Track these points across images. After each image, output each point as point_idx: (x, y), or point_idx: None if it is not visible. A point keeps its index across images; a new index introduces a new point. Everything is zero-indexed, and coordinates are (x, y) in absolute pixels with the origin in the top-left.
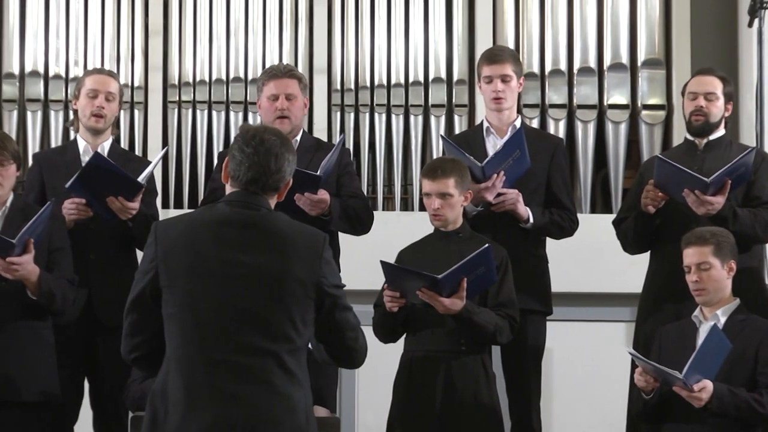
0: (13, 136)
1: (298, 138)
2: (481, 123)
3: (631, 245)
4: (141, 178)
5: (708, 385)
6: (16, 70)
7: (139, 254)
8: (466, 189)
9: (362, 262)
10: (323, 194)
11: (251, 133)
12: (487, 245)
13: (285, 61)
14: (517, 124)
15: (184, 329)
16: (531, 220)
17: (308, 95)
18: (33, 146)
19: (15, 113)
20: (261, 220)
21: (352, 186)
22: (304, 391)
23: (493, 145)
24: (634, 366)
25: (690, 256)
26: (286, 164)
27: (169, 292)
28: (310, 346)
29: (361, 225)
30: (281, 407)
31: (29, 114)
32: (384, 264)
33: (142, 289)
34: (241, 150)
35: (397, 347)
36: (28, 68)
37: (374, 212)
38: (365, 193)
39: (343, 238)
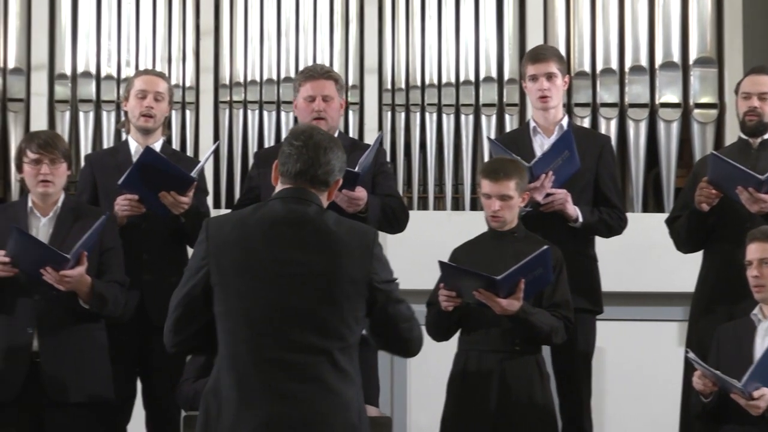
0: (66, 136)
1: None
2: (528, 123)
3: (684, 244)
4: (193, 173)
5: (767, 393)
6: (68, 71)
7: (191, 253)
8: (524, 190)
9: (413, 261)
10: (361, 191)
11: (300, 129)
12: (546, 247)
13: (335, 61)
14: (564, 123)
15: (236, 327)
16: (580, 219)
17: (344, 96)
18: (85, 147)
19: (67, 114)
20: (312, 217)
21: (388, 185)
22: (356, 389)
23: (540, 144)
24: (687, 366)
25: (753, 251)
26: (336, 159)
27: (221, 290)
28: (364, 332)
29: (397, 223)
30: (333, 405)
31: (81, 115)
32: (442, 264)
33: (193, 287)
34: (290, 144)
35: (450, 347)
36: (80, 69)
37: (425, 212)
38: (416, 193)
39: (394, 238)
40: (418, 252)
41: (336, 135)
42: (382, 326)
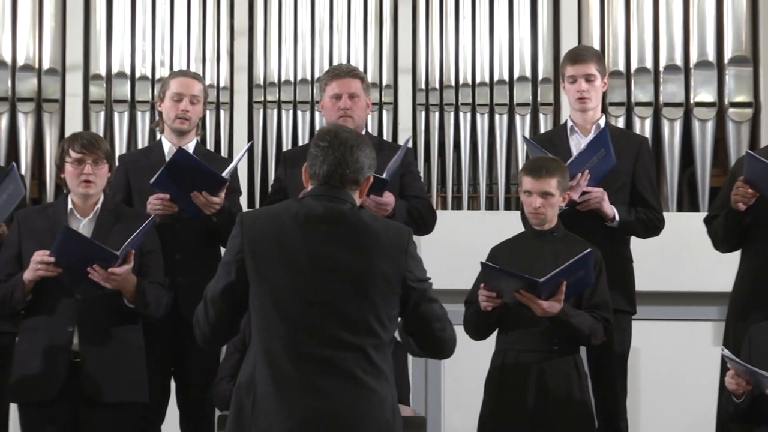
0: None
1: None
2: (565, 122)
3: (721, 243)
4: (225, 173)
5: None
6: (103, 72)
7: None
8: (565, 189)
9: (447, 261)
10: (388, 197)
11: (326, 129)
12: (589, 250)
13: (369, 61)
14: (601, 123)
15: (270, 322)
16: (617, 218)
17: (370, 95)
18: (120, 147)
19: (102, 114)
20: (347, 214)
21: (416, 186)
22: (390, 386)
23: (577, 144)
24: (723, 366)
25: None
26: (364, 157)
27: (256, 285)
28: (398, 337)
29: (425, 226)
30: (367, 402)
31: (116, 115)
32: (484, 265)
33: (229, 282)
34: (317, 145)
35: (484, 347)
36: (114, 69)
37: (459, 212)
38: (450, 192)
39: (428, 238)
40: (452, 252)
41: (363, 133)
42: (416, 325)
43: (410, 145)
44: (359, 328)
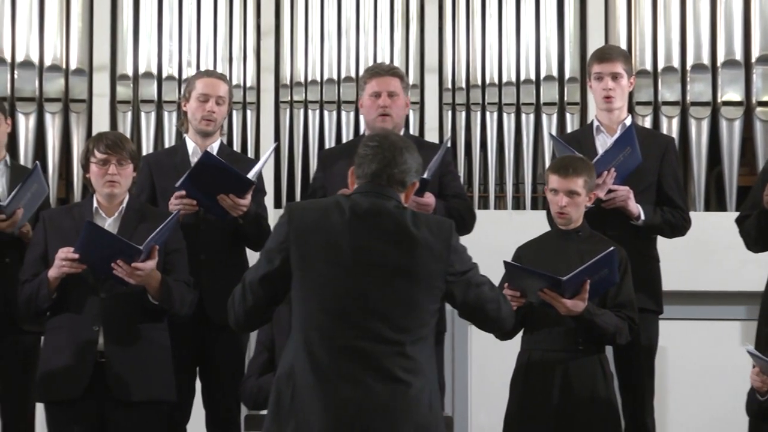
0: (127, 137)
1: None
2: (592, 122)
3: (754, 244)
4: (251, 175)
5: None
6: (129, 72)
7: (249, 253)
8: (591, 189)
9: (475, 261)
10: (429, 197)
11: (375, 133)
12: (612, 248)
13: (396, 60)
14: (627, 122)
15: (311, 313)
16: (642, 217)
17: (409, 95)
18: (147, 147)
19: (129, 114)
20: (392, 211)
21: (455, 186)
22: (427, 380)
23: (603, 143)
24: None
25: None
26: (412, 160)
27: (300, 276)
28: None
29: (464, 226)
30: (404, 395)
31: (143, 115)
32: (507, 264)
33: (272, 270)
34: (366, 146)
35: (510, 347)
36: (141, 70)
37: (486, 211)
38: (477, 192)
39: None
40: (479, 251)
41: (401, 133)
42: (470, 312)
43: (449, 144)
44: (399, 323)
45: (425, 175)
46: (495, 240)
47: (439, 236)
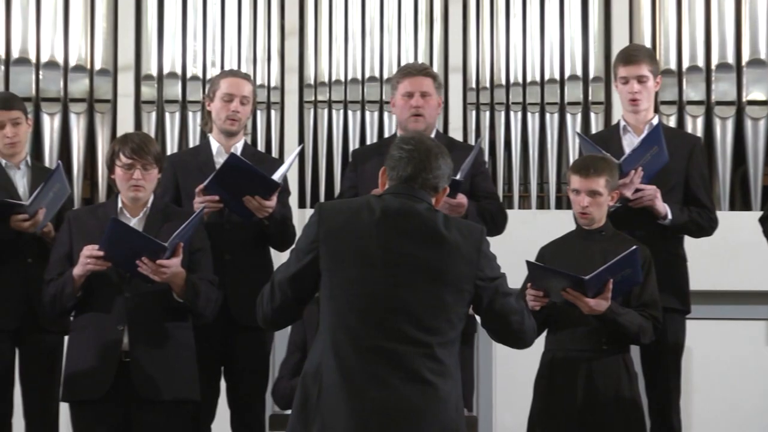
0: (152, 136)
1: (432, 137)
2: (618, 122)
3: None
4: (277, 177)
5: None
6: (154, 72)
7: (274, 253)
8: (614, 188)
9: (499, 260)
10: (461, 198)
11: (409, 135)
12: (635, 247)
13: (420, 60)
14: (654, 122)
15: (340, 313)
16: (669, 216)
17: (443, 95)
18: (171, 147)
19: (153, 114)
20: (423, 213)
21: (487, 187)
22: (455, 384)
23: (630, 143)
24: None
25: None
26: (445, 166)
27: (330, 276)
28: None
29: (496, 227)
30: (431, 398)
31: (167, 115)
32: (530, 264)
33: (301, 269)
34: (400, 148)
35: (535, 346)
36: (166, 70)
37: (510, 211)
38: (501, 191)
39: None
40: (504, 251)
41: (434, 133)
42: (494, 320)
43: (483, 145)
44: (427, 325)
45: (458, 176)
46: (519, 240)
47: (470, 239)
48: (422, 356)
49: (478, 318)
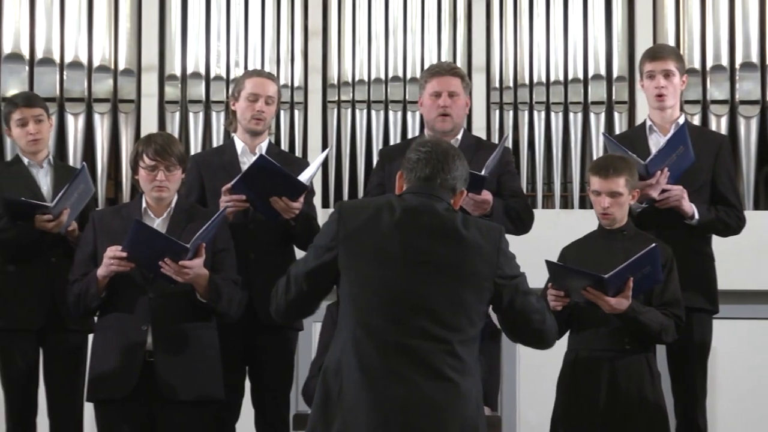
0: (176, 136)
1: (459, 137)
2: (644, 122)
3: None
4: (304, 179)
5: None
6: (177, 72)
7: (298, 252)
8: (634, 187)
9: (522, 260)
10: (487, 195)
11: (425, 139)
12: (653, 245)
13: (443, 60)
14: (680, 121)
15: (360, 310)
16: (696, 216)
17: (469, 95)
18: (195, 147)
19: (177, 114)
20: (442, 213)
21: (513, 185)
22: (475, 381)
23: (656, 143)
24: None
25: None
26: (462, 168)
27: (349, 273)
28: (497, 323)
29: (522, 225)
30: (452, 395)
31: (191, 115)
32: (549, 263)
33: (319, 266)
34: (417, 151)
35: (558, 346)
36: (189, 70)
37: (534, 210)
38: (525, 191)
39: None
40: (527, 250)
41: (461, 133)
42: (514, 320)
43: (509, 143)
44: (448, 322)
45: (483, 172)
46: (543, 239)
47: (489, 238)
48: (443, 353)
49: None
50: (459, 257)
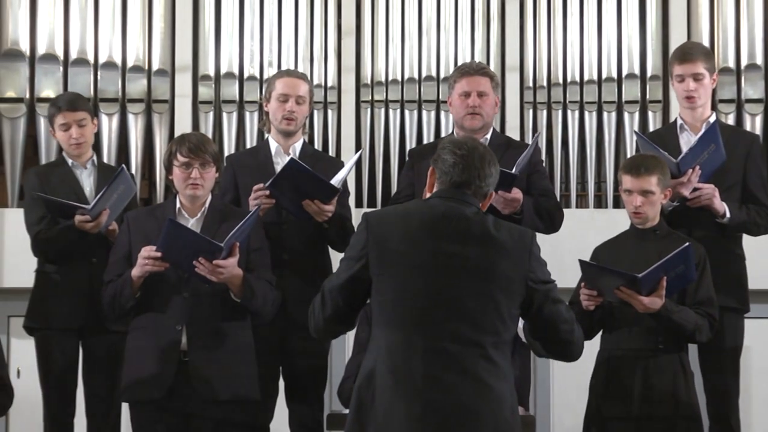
0: (210, 137)
1: (488, 136)
2: (675, 120)
3: None
4: (336, 181)
5: None
6: (211, 72)
7: (332, 253)
8: (666, 186)
9: (556, 260)
10: (517, 193)
11: (461, 139)
12: (687, 244)
13: (477, 59)
14: (712, 119)
15: (393, 316)
16: (728, 215)
17: (500, 94)
18: (228, 147)
19: (211, 114)
20: (471, 217)
21: (543, 184)
22: (509, 384)
23: (687, 141)
24: None
25: None
26: (495, 173)
27: (380, 281)
28: (523, 338)
29: (552, 224)
30: (486, 398)
31: (225, 115)
32: (583, 263)
33: (352, 276)
34: (453, 153)
35: (592, 346)
36: (223, 70)
37: (567, 210)
38: (558, 190)
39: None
40: (561, 251)
41: (490, 132)
42: (542, 327)
43: (542, 142)
44: (480, 325)
45: (514, 170)
46: (576, 239)
47: (520, 241)
48: (476, 356)
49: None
50: (489, 258)
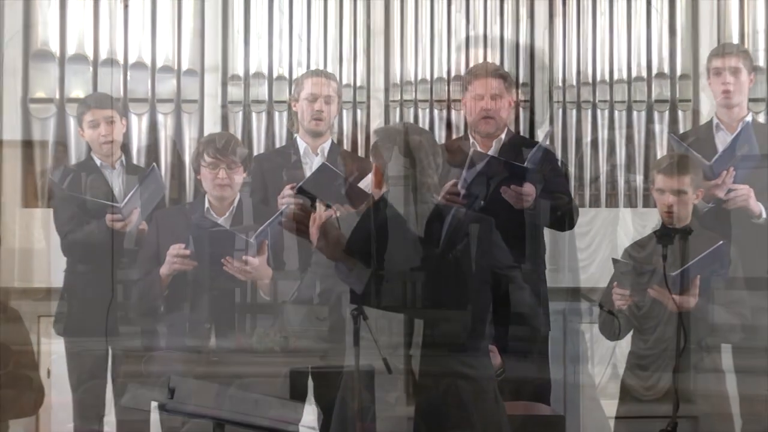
0: (239, 137)
1: (503, 136)
2: (711, 120)
3: None
4: (365, 186)
5: None
6: (240, 72)
7: None
8: (698, 186)
9: (588, 258)
10: (529, 187)
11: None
12: (722, 242)
13: (506, 58)
14: (748, 119)
15: None
16: (764, 215)
17: (517, 92)
18: (258, 147)
19: (240, 114)
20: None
21: (559, 182)
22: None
23: (723, 141)
24: None
25: None
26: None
27: None
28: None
29: (568, 222)
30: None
31: (254, 115)
32: (616, 261)
33: None
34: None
35: (622, 345)
36: (252, 70)
37: (597, 209)
38: (588, 190)
39: (567, 235)
40: (592, 249)
41: (505, 132)
42: None
43: (548, 142)
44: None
45: (525, 164)
46: (607, 238)
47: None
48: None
49: (558, 316)
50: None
